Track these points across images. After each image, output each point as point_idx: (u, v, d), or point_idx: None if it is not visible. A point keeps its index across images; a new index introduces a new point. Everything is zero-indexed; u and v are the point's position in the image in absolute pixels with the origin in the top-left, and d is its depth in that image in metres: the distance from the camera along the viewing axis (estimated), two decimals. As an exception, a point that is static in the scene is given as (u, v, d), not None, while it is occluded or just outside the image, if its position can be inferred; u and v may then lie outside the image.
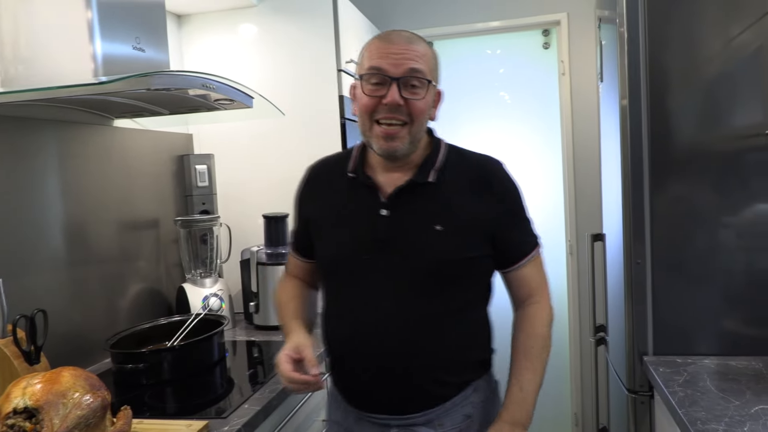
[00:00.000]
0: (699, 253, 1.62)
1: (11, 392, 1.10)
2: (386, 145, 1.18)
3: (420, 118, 1.19)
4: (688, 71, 1.61)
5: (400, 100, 1.15)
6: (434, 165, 1.24)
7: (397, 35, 1.20)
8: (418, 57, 1.17)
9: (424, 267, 1.18)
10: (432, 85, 1.21)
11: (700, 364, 1.56)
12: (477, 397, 1.27)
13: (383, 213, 1.21)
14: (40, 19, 1.49)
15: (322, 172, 1.36)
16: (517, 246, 1.27)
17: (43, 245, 1.67)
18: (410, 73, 1.16)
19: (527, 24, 2.96)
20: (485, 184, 1.24)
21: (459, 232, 1.19)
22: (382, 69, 1.16)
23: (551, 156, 3.07)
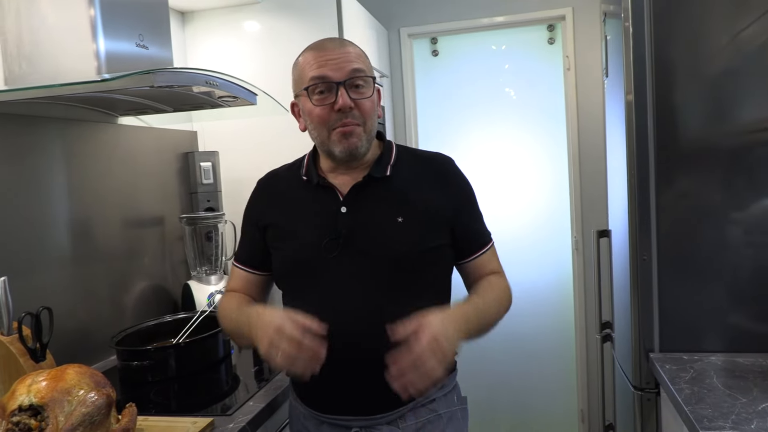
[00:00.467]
0: (706, 249, 1.61)
1: (16, 389, 1.10)
2: (347, 142, 1.19)
3: (371, 117, 1.22)
4: (694, 66, 1.60)
5: (351, 102, 1.17)
6: (389, 161, 1.27)
7: (329, 41, 1.23)
8: (356, 58, 1.20)
9: (388, 259, 1.19)
10: (374, 82, 1.24)
11: (707, 361, 1.55)
12: (441, 394, 1.27)
13: (343, 210, 1.23)
14: (43, 17, 1.49)
15: (275, 183, 1.38)
16: (476, 237, 1.31)
17: (48, 243, 1.67)
18: (353, 74, 1.18)
19: (532, 19, 2.94)
20: (440, 179, 1.28)
21: (420, 223, 1.22)
22: (325, 76, 1.17)
23: (556, 152, 3.05)
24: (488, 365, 3.13)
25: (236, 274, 1.40)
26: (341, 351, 1.17)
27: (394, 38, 3.06)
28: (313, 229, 1.24)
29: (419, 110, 3.16)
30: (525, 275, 3.05)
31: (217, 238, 2.22)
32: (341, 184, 1.26)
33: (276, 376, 1.61)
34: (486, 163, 3.11)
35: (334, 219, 1.23)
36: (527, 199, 3.11)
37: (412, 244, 1.20)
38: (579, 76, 2.90)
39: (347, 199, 1.24)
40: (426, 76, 3.16)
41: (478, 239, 1.32)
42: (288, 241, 1.28)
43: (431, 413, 1.25)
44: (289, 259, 1.28)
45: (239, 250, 1.41)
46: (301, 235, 1.26)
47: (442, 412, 1.26)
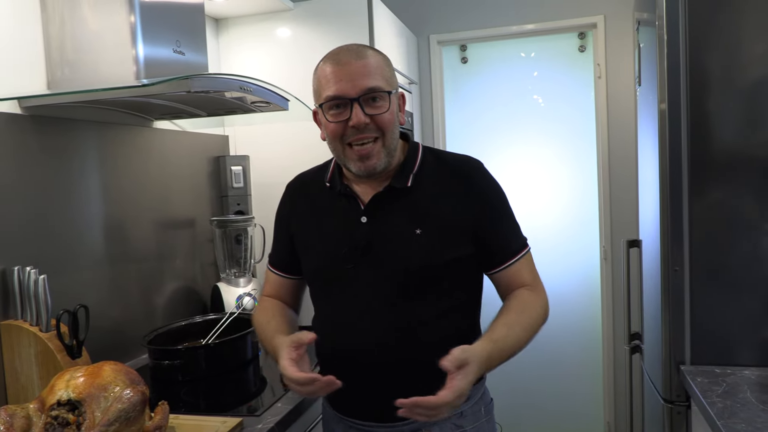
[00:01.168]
0: (740, 261, 1.58)
1: (55, 384, 1.14)
2: (363, 165, 1.18)
3: (390, 129, 1.19)
4: (729, 74, 1.58)
5: (365, 119, 1.15)
6: (412, 170, 1.24)
7: (345, 53, 1.18)
8: (372, 71, 1.16)
9: (407, 271, 1.18)
10: (393, 94, 1.20)
11: (740, 375, 1.52)
12: (468, 406, 1.25)
13: (363, 220, 1.22)
14: (86, 24, 1.54)
15: (301, 188, 1.38)
16: (503, 245, 1.25)
17: (84, 243, 1.72)
18: (367, 91, 1.15)
19: (563, 27, 2.93)
20: (465, 185, 1.23)
21: (439, 234, 1.19)
22: (338, 95, 1.15)
23: (586, 160, 3.03)
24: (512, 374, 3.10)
25: (270, 278, 1.42)
26: (361, 359, 1.20)
27: (424, 45, 3.07)
28: (333, 237, 1.25)
29: (447, 117, 3.16)
30: (552, 284, 2.98)
31: (247, 241, 2.25)
32: (363, 192, 1.25)
33: (303, 379, 1.62)
34: (513, 171, 3.09)
35: (354, 229, 1.22)
36: (555, 207, 3.09)
37: (429, 257, 1.18)
38: (610, 84, 2.88)
39: (368, 209, 1.23)
40: (455, 83, 3.17)
41: (506, 248, 1.25)
42: (310, 249, 1.30)
43: (457, 429, 1.23)
44: (312, 266, 1.30)
45: (272, 253, 1.42)
46: (322, 243, 1.27)
47: (468, 427, 1.24)
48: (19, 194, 1.51)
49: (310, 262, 1.30)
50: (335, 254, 1.23)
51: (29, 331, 1.42)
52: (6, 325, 1.44)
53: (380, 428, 1.23)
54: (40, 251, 1.56)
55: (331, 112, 1.18)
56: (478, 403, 1.28)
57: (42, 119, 1.57)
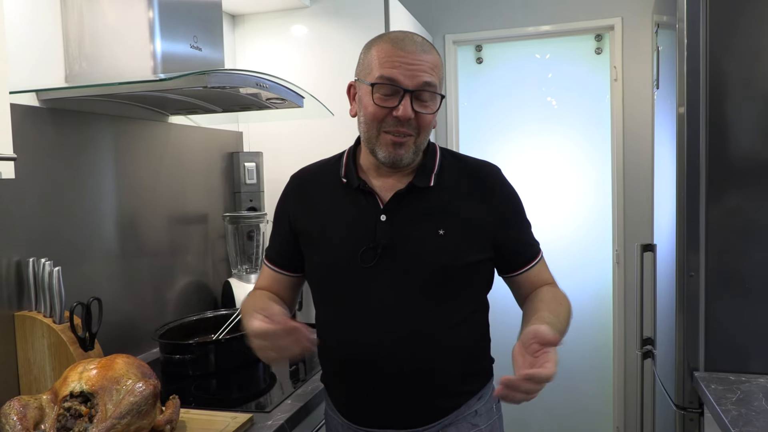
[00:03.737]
0: (756, 268, 1.57)
1: (68, 376, 1.14)
2: (394, 153, 1.15)
3: (426, 130, 1.17)
4: (750, 79, 1.56)
5: (412, 114, 1.12)
6: (433, 169, 1.22)
7: (410, 41, 1.14)
8: (431, 69, 1.13)
9: (428, 272, 1.15)
10: (439, 96, 1.17)
11: (755, 383, 1.51)
12: (482, 405, 1.25)
13: (383, 219, 1.18)
14: (104, 18, 1.55)
15: (308, 181, 1.31)
16: (524, 250, 1.27)
17: (98, 236, 1.73)
18: (424, 86, 1.12)
19: (580, 29, 2.90)
20: (485, 189, 1.22)
21: (462, 236, 1.17)
22: (395, 80, 1.11)
23: (599, 163, 3.00)
24: (522, 377, 3.09)
25: (265, 272, 1.36)
26: (378, 365, 1.16)
27: (439, 45, 3.06)
28: (349, 235, 1.19)
29: (461, 117, 3.15)
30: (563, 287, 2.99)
31: (259, 237, 2.25)
32: (382, 188, 1.21)
33: (312, 377, 1.62)
34: (526, 173, 3.07)
35: (373, 227, 1.18)
36: (568, 210, 3.07)
37: (452, 259, 1.16)
38: (626, 87, 2.85)
39: (388, 207, 1.19)
40: (469, 84, 3.15)
41: (526, 252, 1.27)
42: (322, 247, 1.23)
43: (474, 428, 1.23)
44: (323, 265, 1.24)
45: (269, 248, 1.36)
46: (337, 241, 1.21)
47: (483, 426, 1.25)
48: (35, 186, 1.52)
49: (320, 260, 1.24)
50: (351, 253, 1.17)
51: (43, 322, 1.43)
52: (20, 316, 1.45)
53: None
54: (55, 243, 1.57)
55: (378, 95, 1.13)
56: (490, 401, 1.28)
57: (59, 112, 1.58)
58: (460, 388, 1.22)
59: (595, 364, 3.06)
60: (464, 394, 1.23)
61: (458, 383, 1.22)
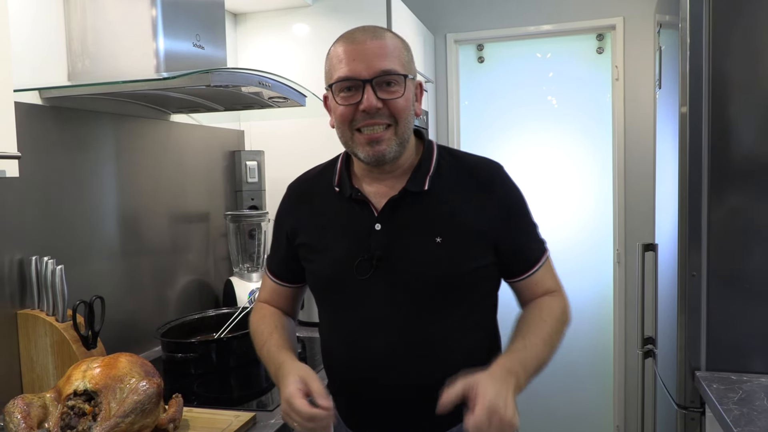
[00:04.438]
0: (758, 268, 1.57)
1: (72, 375, 1.14)
2: (372, 150, 1.08)
3: (404, 117, 1.09)
4: (753, 79, 1.56)
5: (378, 103, 1.06)
6: (428, 171, 1.14)
7: (361, 33, 1.09)
8: (388, 53, 1.07)
9: (426, 283, 1.10)
10: (409, 78, 1.10)
11: (757, 383, 1.51)
12: None
13: (377, 228, 1.12)
14: (107, 17, 1.55)
15: (304, 190, 1.27)
16: (526, 253, 1.18)
17: (100, 234, 1.73)
18: (382, 73, 1.06)
19: (581, 28, 2.91)
20: (485, 189, 1.14)
21: (460, 243, 1.11)
22: (350, 76, 1.06)
23: (600, 161, 3.01)
24: (523, 375, 3.10)
25: (267, 284, 1.33)
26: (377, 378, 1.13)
27: (441, 44, 3.06)
28: (344, 246, 1.15)
29: (462, 116, 3.15)
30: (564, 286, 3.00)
31: (260, 236, 2.25)
32: (376, 195, 1.15)
33: (315, 375, 1.62)
34: (527, 172, 3.07)
35: (367, 236, 1.12)
36: (568, 209, 3.07)
37: (451, 267, 1.10)
38: (627, 87, 2.85)
39: (382, 215, 1.13)
40: (471, 83, 3.15)
41: (528, 256, 1.18)
42: (319, 258, 1.19)
43: None
44: (321, 276, 1.20)
45: (270, 259, 1.33)
46: (333, 252, 1.16)
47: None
48: (38, 184, 1.52)
49: (317, 272, 1.20)
50: (347, 265, 1.13)
51: (45, 320, 1.43)
52: (23, 314, 1.45)
53: None
54: (58, 242, 1.57)
55: (341, 95, 1.08)
56: None
57: (62, 110, 1.58)
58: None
59: (595, 363, 3.06)
60: None
61: None
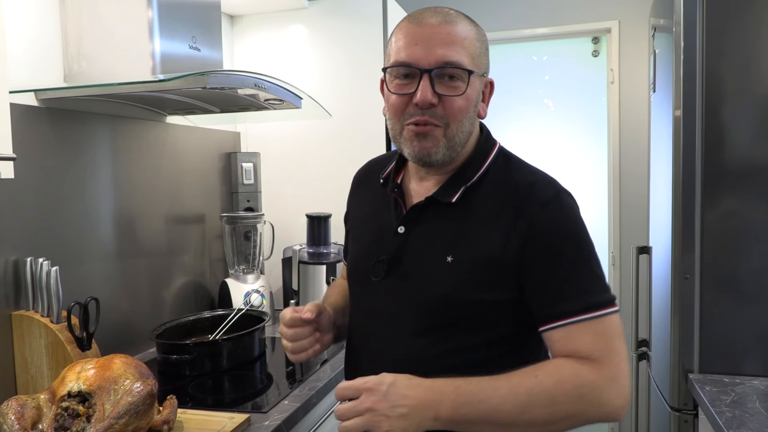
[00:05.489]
0: (751, 271, 1.58)
1: (66, 376, 1.14)
2: (419, 146, 0.98)
3: (459, 119, 0.98)
4: (746, 83, 1.57)
5: (433, 98, 0.95)
6: (467, 180, 1.02)
7: (431, 14, 0.98)
8: (456, 41, 0.96)
9: (430, 302, 1.00)
10: (476, 75, 0.99)
11: (749, 385, 1.52)
12: None
13: (400, 231, 1.05)
14: (103, 18, 1.55)
15: (364, 177, 1.23)
16: (551, 299, 0.95)
17: (95, 235, 1.72)
18: (444, 63, 0.95)
19: (576, 31, 2.92)
20: (523, 208, 0.97)
21: (472, 268, 0.97)
22: (409, 60, 0.96)
23: (595, 164, 3.02)
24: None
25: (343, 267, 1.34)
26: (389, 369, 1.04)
27: (437, 46, 3.07)
28: (371, 241, 1.11)
29: (458, 119, 3.16)
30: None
31: (256, 238, 2.25)
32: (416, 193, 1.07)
33: (309, 377, 1.63)
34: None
35: (388, 239, 1.06)
36: (564, 211, 3.08)
37: (457, 291, 0.98)
38: (623, 90, 2.87)
39: (406, 218, 1.05)
40: (466, 85, 3.16)
41: (557, 302, 0.94)
42: (353, 247, 1.19)
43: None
44: (349, 269, 1.20)
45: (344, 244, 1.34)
46: (362, 245, 1.15)
47: None
48: (33, 186, 1.51)
49: (349, 263, 1.21)
50: (366, 263, 1.08)
51: (40, 321, 1.43)
52: (17, 315, 1.45)
53: None
54: (53, 243, 1.56)
55: (395, 82, 0.98)
56: None
57: (58, 112, 1.58)
58: None
59: (590, 366, 3.07)
60: None
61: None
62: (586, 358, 0.91)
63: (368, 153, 1.45)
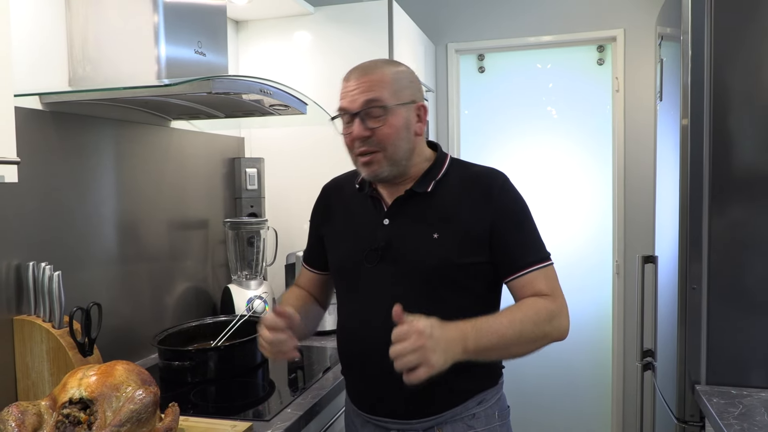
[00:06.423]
0: (759, 281, 1.56)
1: (68, 382, 1.13)
2: (367, 170, 1.25)
3: (392, 142, 1.23)
4: (754, 92, 1.56)
5: (364, 132, 1.22)
6: (435, 177, 1.29)
7: (355, 70, 1.26)
8: (374, 86, 1.22)
9: (423, 272, 1.23)
10: (396, 107, 1.23)
11: (757, 397, 1.50)
12: (482, 409, 1.28)
13: (385, 222, 1.28)
14: (109, 22, 1.55)
15: (335, 190, 1.45)
16: (516, 256, 1.24)
17: (98, 240, 1.72)
18: (366, 105, 1.21)
19: (582, 39, 2.91)
20: (485, 195, 1.26)
21: (455, 240, 1.23)
22: (343, 109, 1.25)
23: (600, 173, 3.01)
24: (519, 388, 3.08)
25: (302, 272, 1.52)
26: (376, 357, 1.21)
27: (441, 53, 3.07)
28: (358, 237, 1.31)
29: (462, 126, 3.15)
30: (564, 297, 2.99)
31: (259, 243, 2.24)
32: (388, 195, 1.31)
33: (311, 385, 1.61)
34: (526, 182, 3.07)
35: (376, 230, 1.29)
36: (568, 220, 3.07)
37: (444, 260, 1.22)
38: (628, 98, 2.86)
39: (390, 211, 1.29)
40: (471, 92, 3.16)
41: (520, 258, 1.24)
42: (337, 248, 1.37)
43: (468, 429, 1.26)
44: (336, 265, 1.38)
45: (306, 250, 1.51)
46: (348, 242, 1.34)
47: (480, 429, 1.27)
48: (37, 190, 1.51)
49: (336, 260, 1.37)
50: (358, 254, 1.29)
51: (42, 327, 1.42)
52: (19, 320, 1.44)
53: (395, 424, 1.28)
54: (56, 247, 1.56)
55: (343, 126, 1.27)
56: (492, 407, 1.30)
57: (62, 116, 1.58)
58: (455, 386, 1.24)
59: (594, 376, 3.05)
60: (461, 392, 1.26)
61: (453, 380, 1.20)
62: (546, 295, 1.22)
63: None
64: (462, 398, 1.26)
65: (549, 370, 3.07)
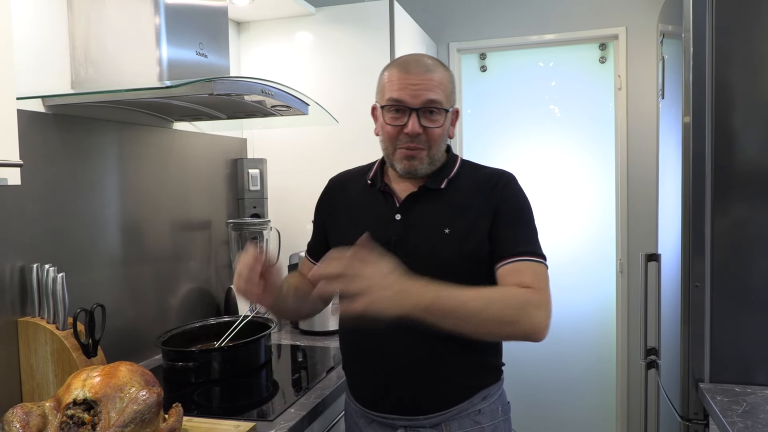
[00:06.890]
0: (763, 278, 1.56)
1: (72, 383, 1.14)
2: (408, 164, 1.27)
3: (437, 143, 1.28)
4: (756, 89, 1.56)
5: (419, 129, 1.24)
6: (447, 175, 1.32)
7: (415, 64, 1.26)
8: (436, 86, 1.24)
9: (434, 266, 1.21)
10: (449, 111, 1.28)
11: (761, 395, 1.50)
12: (486, 405, 1.30)
13: (397, 218, 1.30)
14: (111, 24, 1.55)
15: (342, 183, 1.46)
16: (507, 245, 1.24)
17: (101, 242, 1.72)
18: (428, 104, 1.24)
19: (583, 38, 2.91)
20: (491, 189, 1.29)
21: (465, 235, 1.25)
22: (401, 101, 1.24)
23: (603, 171, 3.00)
24: (524, 386, 3.08)
25: (304, 262, 1.52)
26: (384, 351, 1.27)
27: (443, 52, 3.07)
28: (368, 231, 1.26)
29: (465, 125, 3.15)
30: (567, 297, 2.99)
31: (262, 244, 2.25)
32: (401, 191, 1.33)
33: (315, 385, 1.62)
34: (529, 181, 3.07)
35: (389, 224, 1.30)
36: (571, 218, 3.06)
37: (455, 253, 1.25)
38: (630, 96, 2.85)
39: (402, 207, 1.31)
40: (473, 91, 3.16)
41: (511, 247, 1.23)
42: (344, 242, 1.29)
43: (475, 425, 1.28)
44: None
45: (309, 242, 1.51)
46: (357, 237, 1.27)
47: (486, 424, 1.29)
48: (40, 192, 1.51)
49: None
50: None
51: (46, 328, 1.43)
52: (23, 322, 1.45)
53: (401, 421, 1.29)
54: (59, 249, 1.56)
55: (390, 115, 1.26)
56: (495, 403, 1.32)
57: (65, 118, 1.58)
58: (462, 382, 1.27)
59: (598, 374, 3.05)
60: (467, 388, 1.28)
61: (460, 376, 1.27)
62: (528, 287, 1.18)
63: (373, 158, 1.45)
64: (468, 394, 1.28)
65: (553, 368, 3.06)
